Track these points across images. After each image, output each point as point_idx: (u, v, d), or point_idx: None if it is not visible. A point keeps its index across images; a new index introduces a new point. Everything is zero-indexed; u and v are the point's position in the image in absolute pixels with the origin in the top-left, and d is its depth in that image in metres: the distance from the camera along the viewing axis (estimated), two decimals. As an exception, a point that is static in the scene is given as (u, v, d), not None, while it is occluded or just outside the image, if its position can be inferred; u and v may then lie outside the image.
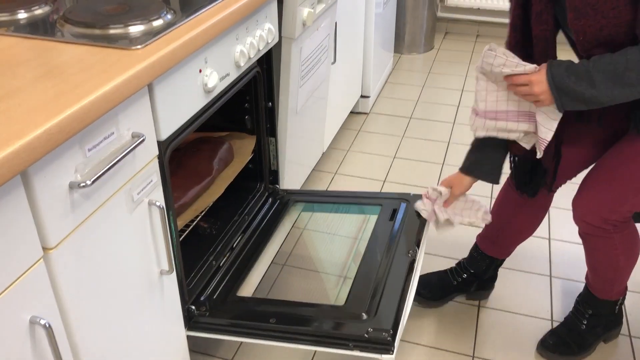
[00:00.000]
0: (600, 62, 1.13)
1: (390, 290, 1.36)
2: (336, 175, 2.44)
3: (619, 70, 1.10)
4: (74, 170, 0.89)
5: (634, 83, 1.10)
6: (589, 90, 1.14)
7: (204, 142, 1.65)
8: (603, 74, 1.12)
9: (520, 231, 1.68)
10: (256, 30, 1.43)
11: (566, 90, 1.17)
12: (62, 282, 0.91)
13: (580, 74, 1.15)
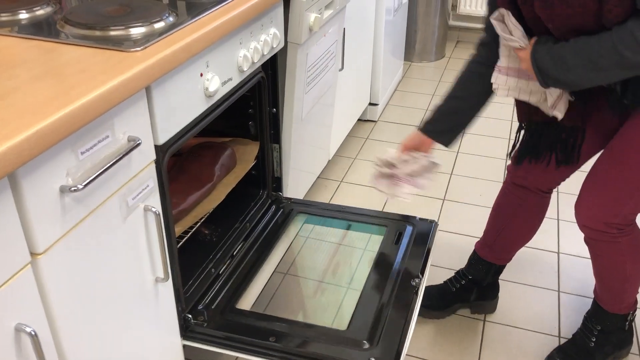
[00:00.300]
0: (576, 46, 1.13)
1: (393, 319, 1.33)
2: (342, 184, 2.41)
3: (592, 57, 1.10)
4: (65, 173, 0.87)
5: (607, 68, 1.10)
6: (566, 74, 1.15)
7: (206, 148, 1.62)
8: (578, 59, 1.13)
9: (518, 234, 1.64)
10: (261, 34, 1.41)
11: (546, 73, 1.18)
12: (50, 288, 0.88)
13: (557, 58, 1.16)
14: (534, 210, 1.60)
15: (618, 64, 1.09)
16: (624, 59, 1.07)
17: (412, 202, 2.30)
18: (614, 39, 1.07)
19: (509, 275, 1.92)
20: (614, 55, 1.08)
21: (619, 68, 1.10)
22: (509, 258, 1.70)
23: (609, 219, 1.34)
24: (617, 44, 1.07)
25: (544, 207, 1.60)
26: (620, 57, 1.07)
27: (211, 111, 1.30)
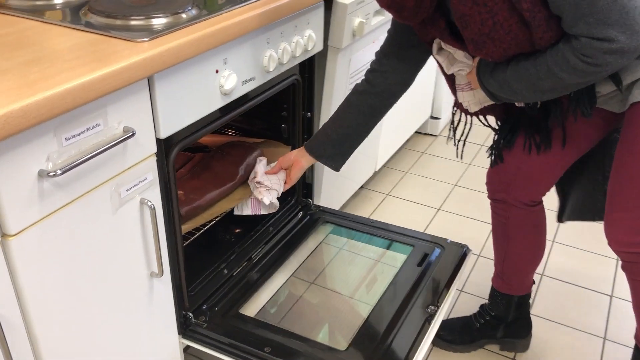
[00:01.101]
0: (515, 72, 1.11)
1: (398, 346, 1.25)
2: (388, 197, 2.33)
3: (532, 80, 1.09)
4: (45, 158, 0.86)
5: (549, 89, 1.10)
6: (514, 96, 1.15)
7: (236, 147, 1.60)
8: (520, 83, 1.11)
9: (519, 256, 1.52)
10: (293, 36, 1.37)
11: (496, 95, 1.18)
12: (22, 272, 0.88)
13: (501, 82, 1.14)
14: (523, 226, 1.47)
15: (558, 85, 1.08)
16: (561, 80, 1.06)
17: (459, 223, 2.18)
18: (549, 63, 1.06)
19: (550, 313, 1.77)
20: (551, 78, 1.07)
21: (559, 88, 1.09)
22: (524, 287, 1.56)
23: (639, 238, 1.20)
24: (552, 67, 1.06)
25: (535, 222, 1.47)
26: (558, 79, 1.06)
27: (231, 110, 1.28)
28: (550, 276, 1.93)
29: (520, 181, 1.41)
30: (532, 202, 1.44)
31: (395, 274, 1.46)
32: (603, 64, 1.00)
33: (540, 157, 1.36)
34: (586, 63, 1.01)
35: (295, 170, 1.45)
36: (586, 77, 1.04)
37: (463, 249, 1.54)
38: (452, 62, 1.24)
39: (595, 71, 1.02)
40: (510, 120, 1.39)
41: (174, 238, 1.22)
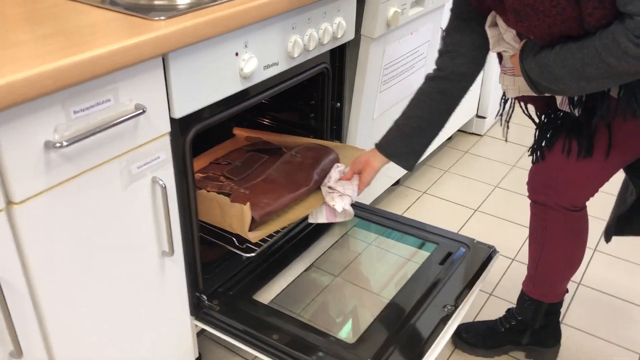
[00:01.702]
0: (560, 55, 1.03)
1: (409, 343, 1.21)
2: (424, 195, 2.27)
3: (577, 66, 1.01)
4: (53, 129, 0.88)
5: (594, 77, 1.00)
6: (555, 84, 1.06)
7: (311, 150, 1.53)
8: (564, 68, 1.03)
9: (555, 263, 1.43)
10: (321, 22, 1.35)
11: (536, 82, 1.10)
12: (28, 240, 0.90)
13: (544, 68, 1.06)
14: (561, 231, 1.38)
15: (605, 73, 0.99)
16: (610, 67, 0.97)
17: (496, 226, 2.10)
18: (597, 46, 0.97)
19: (584, 324, 1.68)
20: (599, 64, 0.98)
21: (606, 77, 1.00)
22: (556, 295, 1.48)
23: None
24: (601, 51, 0.97)
25: (575, 228, 1.38)
26: (606, 65, 0.98)
27: (253, 95, 1.27)
28: (588, 286, 1.83)
29: (561, 184, 1.33)
30: (573, 207, 1.35)
31: (415, 270, 1.42)
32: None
33: (584, 160, 1.28)
34: (638, 45, 0.92)
35: (366, 173, 1.36)
36: (636, 64, 0.95)
37: (490, 250, 1.48)
38: (499, 42, 1.18)
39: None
40: (551, 117, 1.32)
41: (188, 219, 1.22)
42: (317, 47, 1.36)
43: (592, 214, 1.42)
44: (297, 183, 1.42)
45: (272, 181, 1.43)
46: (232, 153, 1.62)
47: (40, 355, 0.99)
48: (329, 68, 1.50)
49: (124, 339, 1.15)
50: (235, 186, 1.43)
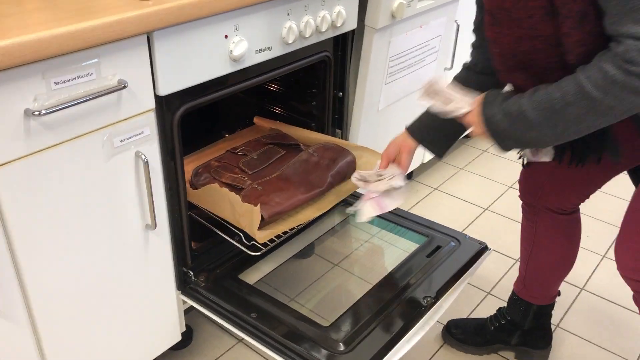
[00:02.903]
0: (534, 98, 0.93)
1: (383, 330, 1.22)
2: (435, 191, 2.26)
3: (556, 107, 0.90)
4: (32, 98, 0.93)
5: (575, 119, 0.89)
6: (528, 132, 0.95)
7: (328, 150, 1.53)
8: (539, 112, 0.92)
9: (545, 265, 1.41)
10: (320, 10, 1.37)
11: (503, 135, 0.99)
12: (7, 203, 0.95)
13: (513, 114, 0.95)
14: (550, 233, 1.37)
15: (589, 110, 0.88)
16: (595, 102, 0.86)
17: (504, 226, 2.08)
18: (580, 79, 0.88)
19: (580, 329, 1.65)
20: (582, 100, 0.88)
21: (591, 115, 0.88)
22: (546, 297, 1.46)
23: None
24: (584, 83, 0.87)
25: (566, 230, 1.36)
26: (590, 101, 0.87)
27: (245, 78, 1.30)
28: (590, 291, 1.79)
29: (550, 188, 1.32)
30: (561, 210, 1.34)
31: (401, 261, 1.42)
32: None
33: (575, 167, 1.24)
34: (629, 73, 0.82)
35: (404, 155, 1.28)
36: (625, 97, 0.84)
37: (481, 246, 1.47)
38: (448, 102, 1.09)
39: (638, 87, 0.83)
40: None
41: (175, 196, 1.26)
42: (314, 34, 1.38)
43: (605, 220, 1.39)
44: (311, 184, 1.42)
45: (286, 179, 1.44)
46: (250, 143, 1.65)
47: (22, 316, 1.05)
48: (331, 57, 1.51)
49: (106, 308, 1.20)
50: (249, 180, 1.46)
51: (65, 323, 1.13)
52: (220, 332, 1.61)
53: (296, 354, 1.17)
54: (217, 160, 1.57)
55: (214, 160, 1.56)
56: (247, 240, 1.37)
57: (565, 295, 1.77)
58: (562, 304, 1.73)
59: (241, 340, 1.59)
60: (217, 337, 1.60)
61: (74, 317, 1.14)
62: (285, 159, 1.55)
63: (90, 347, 1.20)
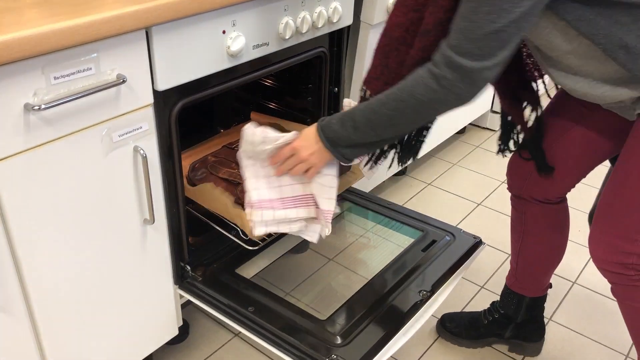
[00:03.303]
0: (367, 102, 1.03)
1: (380, 324, 1.23)
2: (429, 187, 2.28)
3: (374, 107, 1.00)
4: (32, 93, 0.93)
5: (390, 119, 1.00)
6: (354, 133, 1.04)
7: None
8: (364, 112, 1.02)
9: (535, 256, 1.44)
10: (316, 6, 1.37)
11: (335, 138, 1.08)
12: (6, 197, 0.95)
13: (345, 117, 1.06)
14: (539, 224, 1.39)
15: (397, 110, 0.99)
16: (403, 103, 0.98)
17: (497, 221, 2.10)
18: (407, 80, 0.98)
19: (573, 322, 1.67)
20: (392, 102, 0.99)
21: (399, 115, 0.99)
22: (538, 289, 1.48)
23: (622, 259, 1.12)
24: (399, 86, 0.98)
25: (553, 220, 1.39)
26: (399, 102, 0.98)
27: (242, 73, 1.31)
28: (582, 285, 1.82)
29: (535, 178, 1.35)
30: (546, 200, 1.37)
31: (397, 255, 1.44)
32: (445, 82, 0.93)
33: (560, 155, 1.29)
34: (432, 74, 0.94)
35: None
36: (426, 96, 0.96)
37: (475, 240, 1.49)
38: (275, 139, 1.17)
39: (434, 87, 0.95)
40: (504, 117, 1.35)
41: (173, 191, 1.27)
42: (310, 30, 1.39)
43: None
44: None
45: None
46: None
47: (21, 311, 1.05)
48: (327, 52, 1.52)
49: (104, 302, 1.21)
50: None
51: (64, 317, 1.13)
52: (216, 327, 1.62)
53: (293, 347, 1.18)
54: (213, 155, 1.58)
55: (210, 156, 1.57)
56: (244, 235, 1.38)
57: (557, 288, 1.79)
58: (554, 298, 1.76)
59: (237, 335, 1.60)
60: (213, 332, 1.61)
61: (72, 311, 1.15)
62: None
63: (88, 341, 1.21)
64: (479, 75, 0.92)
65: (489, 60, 0.91)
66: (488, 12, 0.87)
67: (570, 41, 0.99)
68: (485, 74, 0.92)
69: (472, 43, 0.90)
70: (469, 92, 0.94)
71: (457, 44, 0.91)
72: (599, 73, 1.02)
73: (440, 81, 0.94)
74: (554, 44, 1.01)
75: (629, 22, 0.93)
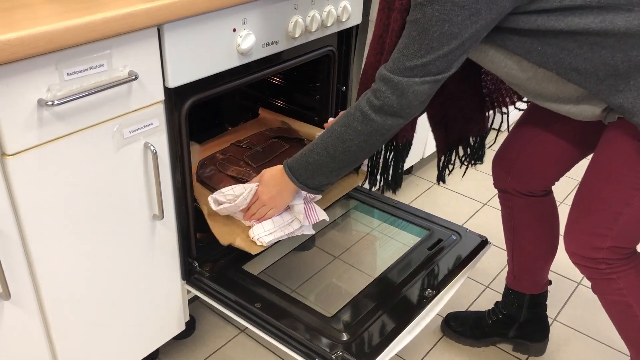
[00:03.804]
0: (325, 135, 1.15)
1: (385, 322, 1.24)
2: (435, 186, 2.28)
3: (327, 133, 1.14)
4: (46, 88, 0.94)
5: (340, 144, 1.12)
6: (312, 156, 1.16)
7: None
8: (322, 137, 1.15)
9: (527, 250, 1.47)
10: (326, 5, 1.38)
11: (297, 170, 1.19)
12: (20, 191, 0.97)
13: (308, 147, 1.18)
14: (527, 217, 1.42)
15: (339, 138, 1.11)
16: (341, 132, 1.11)
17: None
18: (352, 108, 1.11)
19: (577, 323, 1.68)
20: (340, 127, 1.12)
21: (340, 142, 1.11)
22: (536, 286, 1.50)
23: (592, 254, 1.17)
24: (346, 114, 1.12)
25: (541, 213, 1.42)
26: (343, 128, 1.11)
27: (252, 71, 1.32)
28: (587, 285, 1.82)
29: (517, 172, 1.39)
30: (530, 193, 1.40)
31: (403, 254, 1.44)
32: (379, 94, 1.05)
33: (541, 149, 1.33)
34: (370, 104, 1.07)
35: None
36: (362, 125, 1.09)
37: (481, 239, 1.49)
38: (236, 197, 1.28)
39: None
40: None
41: (182, 187, 1.28)
42: (319, 29, 1.39)
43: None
44: None
45: None
46: (255, 136, 1.66)
47: (31, 304, 1.07)
48: (335, 51, 1.53)
49: (113, 296, 1.22)
50: (254, 173, 1.47)
51: (73, 309, 1.15)
52: (222, 322, 1.64)
53: (300, 343, 1.19)
54: (222, 153, 1.59)
55: (218, 153, 1.58)
56: None
57: (561, 289, 1.80)
58: (559, 298, 1.76)
59: (243, 331, 1.61)
60: (219, 327, 1.62)
61: (81, 305, 1.16)
62: (289, 153, 1.57)
63: (96, 335, 1.22)
64: (408, 88, 1.03)
65: (417, 78, 1.02)
66: (418, 49, 1.00)
67: (526, 70, 1.08)
68: (414, 88, 1.03)
69: (402, 70, 1.03)
70: (400, 105, 1.05)
71: (390, 66, 1.05)
72: (561, 93, 1.09)
73: (375, 93, 1.06)
74: (512, 74, 1.10)
75: (575, 47, 1.00)
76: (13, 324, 1.06)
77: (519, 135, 1.36)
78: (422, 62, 1.00)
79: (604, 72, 1.00)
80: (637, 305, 1.19)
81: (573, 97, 1.09)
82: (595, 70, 1.00)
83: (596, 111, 1.09)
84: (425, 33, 0.97)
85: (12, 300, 1.03)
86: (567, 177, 1.38)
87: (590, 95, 1.06)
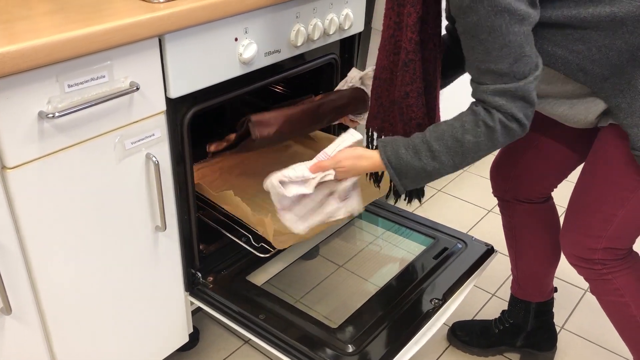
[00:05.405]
0: (437, 129, 1.03)
1: (392, 333, 1.23)
2: (439, 193, 2.27)
3: (457, 135, 1.00)
4: (46, 101, 0.93)
5: (471, 148, 1.01)
6: (431, 162, 1.03)
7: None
8: (441, 141, 1.02)
9: (529, 258, 1.46)
10: (328, 13, 1.37)
11: (406, 170, 1.05)
12: (20, 204, 0.96)
13: (417, 146, 1.04)
14: (527, 224, 1.42)
15: (485, 139, 1.01)
16: (469, 143, 1.01)
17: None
18: (473, 110, 1.01)
19: (586, 332, 1.66)
20: (477, 128, 1.00)
21: (483, 148, 1.01)
22: (542, 293, 1.48)
23: (588, 255, 1.18)
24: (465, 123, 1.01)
25: (541, 219, 1.41)
26: (484, 130, 1.00)
27: (254, 80, 1.31)
28: (594, 293, 1.80)
29: (515, 179, 1.39)
30: (529, 200, 1.39)
31: (408, 263, 1.43)
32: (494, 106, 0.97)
33: (539, 156, 1.33)
34: (485, 110, 0.99)
35: None
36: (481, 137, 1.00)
37: (487, 247, 1.48)
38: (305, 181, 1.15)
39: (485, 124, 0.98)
40: None
41: (185, 198, 1.27)
42: (322, 37, 1.38)
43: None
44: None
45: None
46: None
47: (32, 316, 1.06)
48: (338, 59, 1.52)
49: (115, 309, 1.21)
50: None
51: (75, 323, 1.14)
52: (226, 334, 1.62)
53: (305, 355, 1.18)
54: None
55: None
56: (256, 242, 1.38)
57: (569, 297, 1.78)
58: (566, 306, 1.74)
59: (247, 342, 1.60)
60: (223, 339, 1.60)
61: (84, 318, 1.15)
62: None
63: (99, 347, 1.21)
64: (525, 90, 0.97)
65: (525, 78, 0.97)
66: (500, 48, 0.94)
67: None
68: (528, 86, 0.97)
69: (501, 75, 0.96)
70: (523, 110, 0.99)
71: (490, 79, 0.97)
72: (561, 92, 1.09)
73: (500, 110, 0.98)
74: None
75: (584, 50, 1.00)
76: (15, 339, 1.04)
77: (516, 142, 1.34)
78: (514, 59, 0.95)
79: (609, 71, 1.01)
80: (635, 305, 1.20)
81: (571, 95, 1.09)
82: (601, 70, 1.01)
83: (589, 116, 1.09)
84: (495, 31, 0.92)
85: (13, 315, 1.02)
86: (567, 181, 1.37)
87: (588, 93, 1.06)
